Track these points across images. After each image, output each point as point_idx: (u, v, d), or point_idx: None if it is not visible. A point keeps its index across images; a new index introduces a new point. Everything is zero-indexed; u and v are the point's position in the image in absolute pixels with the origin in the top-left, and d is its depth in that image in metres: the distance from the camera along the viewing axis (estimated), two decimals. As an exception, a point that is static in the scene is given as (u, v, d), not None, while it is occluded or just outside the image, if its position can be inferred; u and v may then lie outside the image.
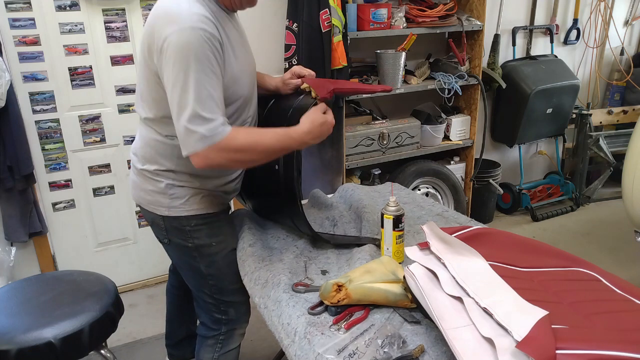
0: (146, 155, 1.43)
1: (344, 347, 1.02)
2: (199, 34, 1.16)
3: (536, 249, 1.24)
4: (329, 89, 1.44)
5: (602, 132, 3.60)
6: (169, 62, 1.17)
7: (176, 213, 1.44)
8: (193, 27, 1.16)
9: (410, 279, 1.07)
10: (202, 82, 1.17)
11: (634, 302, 1.03)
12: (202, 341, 1.65)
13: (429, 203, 1.82)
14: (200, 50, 1.16)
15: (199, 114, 1.17)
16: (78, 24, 2.36)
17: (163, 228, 1.49)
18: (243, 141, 1.24)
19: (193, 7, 1.20)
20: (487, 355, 0.85)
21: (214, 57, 1.20)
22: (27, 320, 1.42)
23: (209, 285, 1.55)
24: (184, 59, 1.15)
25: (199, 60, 1.16)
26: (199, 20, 1.17)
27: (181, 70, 1.16)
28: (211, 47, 1.18)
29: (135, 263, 2.77)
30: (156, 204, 1.45)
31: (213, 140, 1.19)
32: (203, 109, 1.17)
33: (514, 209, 3.57)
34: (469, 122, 3.11)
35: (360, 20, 2.60)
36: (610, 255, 2.99)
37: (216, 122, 1.20)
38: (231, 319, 1.60)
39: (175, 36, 1.15)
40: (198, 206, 1.45)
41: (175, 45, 1.16)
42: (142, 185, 1.47)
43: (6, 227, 2.37)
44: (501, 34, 3.29)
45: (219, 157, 1.22)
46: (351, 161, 2.75)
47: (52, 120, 2.43)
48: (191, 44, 1.15)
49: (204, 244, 1.49)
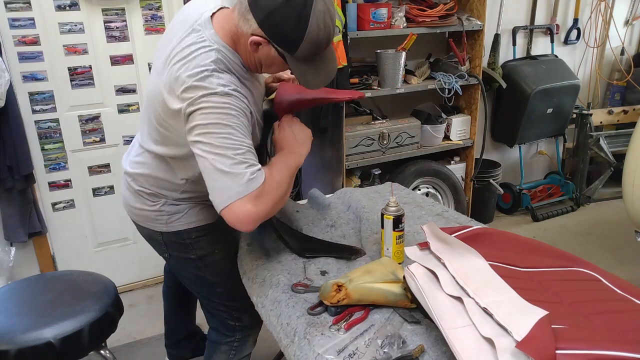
0: (146, 184, 1.39)
1: (344, 348, 1.02)
2: (233, 100, 1.13)
3: (536, 249, 1.24)
4: (289, 101, 1.38)
5: (603, 132, 3.60)
6: (199, 126, 1.12)
7: (175, 228, 1.41)
8: (225, 92, 1.12)
9: (410, 279, 1.07)
10: (241, 133, 1.13)
11: (634, 302, 1.03)
12: (215, 347, 1.62)
13: (429, 203, 1.82)
14: (235, 112, 1.13)
15: (241, 160, 1.12)
16: (78, 23, 2.36)
17: (162, 243, 1.45)
18: (274, 180, 1.18)
19: (223, 75, 1.14)
20: (487, 355, 0.85)
21: (246, 118, 1.17)
22: (27, 321, 1.42)
23: (218, 293, 1.53)
24: (215, 119, 1.11)
25: (234, 117, 1.13)
26: (232, 86, 1.14)
27: (213, 127, 1.11)
28: (243, 112, 1.15)
29: (135, 263, 2.77)
30: (153, 221, 1.41)
31: (257, 182, 1.12)
32: (243, 156, 1.12)
33: (514, 209, 3.57)
34: (469, 122, 3.11)
35: (360, 20, 2.60)
36: (610, 255, 2.99)
37: (257, 167, 1.14)
38: (245, 326, 1.59)
39: (207, 100, 1.11)
40: (196, 218, 1.42)
41: (208, 109, 1.11)
42: (135, 204, 1.43)
43: (6, 227, 2.37)
44: (501, 34, 3.29)
45: (267, 201, 1.14)
46: (351, 161, 2.75)
47: (52, 120, 2.43)
48: (226, 106, 1.12)
49: (207, 253, 1.47)
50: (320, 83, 1.23)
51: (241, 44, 1.20)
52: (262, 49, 1.17)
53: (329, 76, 1.24)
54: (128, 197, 1.45)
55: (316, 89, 1.25)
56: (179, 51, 1.17)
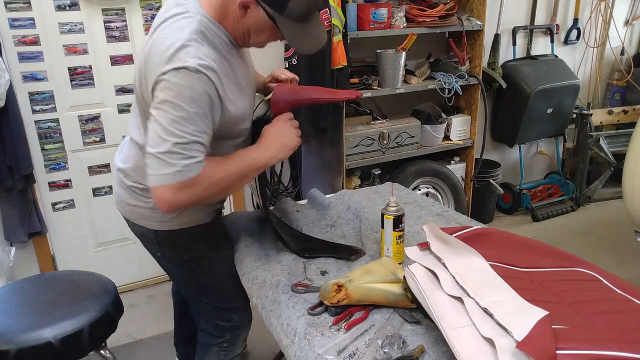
0: (138, 179, 1.35)
1: (344, 348, 1.02)
2: (200, 77, 1.08)
3: (536, 249, 1.24)
4: (286, 101, 1.36)
5: (603, 132, 3.60)
6: (159, 98, 1.09)
7: (169, 227, 1.38)
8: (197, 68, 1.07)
9: (410, 279, 1.07)
10: (194, 122, 1.09)
11: (634, 302, 1.03)
12: (206, 348, 1.62)
13: (429, 203, 1.82)
14: (198, 94, 1.09)
15: (179, 152, 1.08)
16: (78, 23, 2.36)
17: (155, 242, 1.42)
18: (215, 174, 1.16)
19: (197, 46, 1.10)
20: (487, 356, 0.85)
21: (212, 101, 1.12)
22: (27, 321, 1.42)
23: (208, 294, 1.52)
24: (176, 96, 1.07)
25: (195, 101, 1.08)
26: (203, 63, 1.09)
27: (169, 105, 1.08)
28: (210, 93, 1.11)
29: (135, 263, 2.77)
30: (147, 218, 1.39)
31: (186, 174, 1.09)
32: (186, 149, 1.09)
33: (514, 209, 3.57)
34: (469, 122, 3.11)
35: (360, 20, 2.60)
36: (610, 255, 2.99)
37: (195, 160, 1.10)
38: (235, 325, 1.58)
39: (174, 73, 1.07)
40: (190, 219, 1.39)
41: (173, 82, 1.07)
42: (129, 201, 1.40)
43: (6, 227, 2.37)
44: (501, 34, 3.29)
45: (192, 193, 1.12)
46: (351, 161, 2.75)
47: (52, 120, 2.43)
48: (189, 85, 1.07)
49: (201, 256, 1.45)
50: (312, 47, 1.22)
51: (229, 14, 1.18)
52: (250, 12, 1.15)
53: (320, 41, 1.22)
54: (121, 195, 1.42)
55: (308, 53, 1.23)
56: (160, 23, 1.16)
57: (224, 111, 1.18)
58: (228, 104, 1.18)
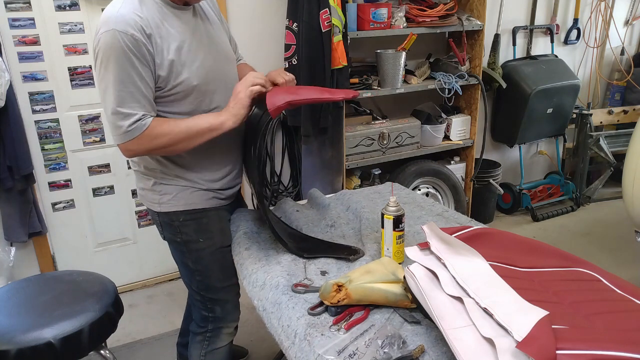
0: (137, 161, 1.49)
1: (344, 348, 1.02)
2: (120, 36, 1.21)
3: (536, 249, 1.24)
4: (282, 101, 1.35)
5: (603, 132, 3.60)
6: (96, 62, 1.26)
7: (166, 209, 1.48)
8: (115, 29, 1.21)
9: (410, 279, 1.07)
10: (122, 81, 1.24)
11: (634, 302, 1.02)
12: (192, 337, 1.69)
13: (429, 203, 1.82)
14: (120, 52, 1.22)
15: (119, 111, 1.26)
16: (78, 23, 2.36)
17: (159, 223, 1.54)
18: (159, 129, 1.31)
19: (123, 8, 1.24)
20: (488, 356, 0.85)
21: (136, 57, 1.24)
22: (27, 321, 1.42)
23: (197, 281, 1.58)
24: (104, 59, 1.23)
25: (118, 61, 1.22)
26: (123, 22, 1.22)
27: (103, 70, 1.25)
28: (132, 48, 1.23)
29: (135, 263, 2.77)
30: (150, 200, 1.50)
31: (133, 134, 1.28)
32: (122, 106, 1.25)
33: (514, 209, 3.57)
34: (469, 122, 3.11)
35: (361, 20, 2.60)
36: (610, 255, 2.99)
37: (135, 117, 1.27)
38: (217, 317, 1.63)
39: (101, 38, 1.23)
40: (186, 202, 1.47)
41: (99, 46, 1.23)
42: (137, 184, 1.54)
43: (6, 227, 2.37)
44: (501, 34, 3.29)
45: (140, 147, 1.31)
46: (351, 161, 2.75)
47: (52, 120, 2.43)
48: (111, 46, 1.21)
49: (191, 239, 1.51)
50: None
51: None
52: None
53: None
54: (135, 180, 1.55)
55: None
56: None
57: (163, 66, 1.29)
58: (162, 58, 1.29)
